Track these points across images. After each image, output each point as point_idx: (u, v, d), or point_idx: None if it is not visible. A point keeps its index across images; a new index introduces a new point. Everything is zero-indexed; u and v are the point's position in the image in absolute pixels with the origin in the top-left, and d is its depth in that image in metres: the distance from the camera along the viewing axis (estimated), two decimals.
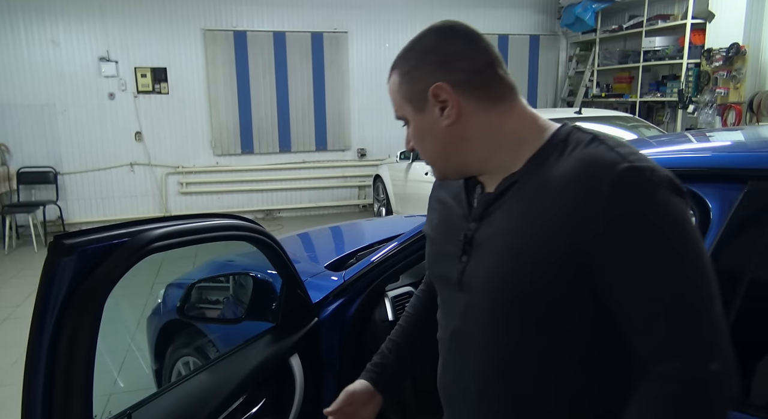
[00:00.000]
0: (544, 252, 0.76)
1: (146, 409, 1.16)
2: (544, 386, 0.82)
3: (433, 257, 0.98)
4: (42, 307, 0.83)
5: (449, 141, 0.84)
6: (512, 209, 0.81)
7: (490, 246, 0.83)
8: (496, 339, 0.84)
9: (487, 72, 0.82)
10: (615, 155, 0.73)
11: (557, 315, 0.79)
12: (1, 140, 6.04)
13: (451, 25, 0.85)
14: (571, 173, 0.75)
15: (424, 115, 0.84)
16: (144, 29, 6.31)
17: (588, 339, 0.79)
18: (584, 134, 0.80)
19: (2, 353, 3.33)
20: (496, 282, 0.81)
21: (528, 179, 0.80)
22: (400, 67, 0.87)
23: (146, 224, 0.98)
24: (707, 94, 5.41)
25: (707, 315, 0.71)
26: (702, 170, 1.13)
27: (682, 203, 0.73)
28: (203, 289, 1.85)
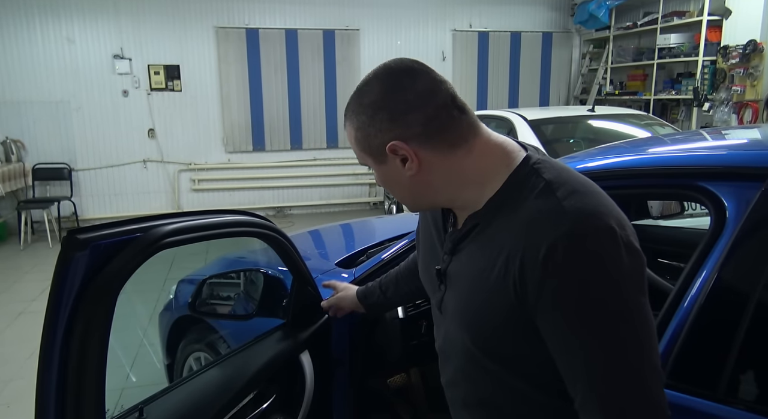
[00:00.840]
0: (497, 302, 0.78)
1: (157, 404, 1.17)
2: (517, 405, 0.86)
3: (421, 270, 1.04)
4: (56, 301, 0.84)
5: (414, 188, 0.85)
6: (473, 254, 0.84)
7: (457, 283, 0.87)
8: (467, 365, 0.90)
9: (440, 118, 0.79)
10: (560, 211, 0.72)
11: (516, 356, 0.82)
12: (17, 136, 6.12)
13: (396, 69, 0.81)
14: (517, 228, 0.75)
15: (386, 166, 0.83)
16: (157, 27, 6.36)
17: (549, 373, 0.79)
18: (539, 180, 0.77)
19: (17, 347, 3.38)
20: (459, 320, 0.87)
21: (486, 223, 0.82)
22: (352, 121, 0.84)
23: (158, 220, 0.99)
24: (723, 91, 5.34)
25: (634, 379, 0.70)
26: (718, 168, 1.11)
27: (623, 261, 0.70)
28: (214, 285, 1.86)
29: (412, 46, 7.14)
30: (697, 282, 1.00)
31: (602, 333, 0.70)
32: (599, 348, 0.71)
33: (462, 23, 7.26)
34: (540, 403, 0.84)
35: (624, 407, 0.70)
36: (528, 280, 0.73)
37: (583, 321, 0.71)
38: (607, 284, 0.70)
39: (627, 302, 0.71)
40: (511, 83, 7.57)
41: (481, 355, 0.85)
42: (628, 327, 0.70)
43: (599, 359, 0.71)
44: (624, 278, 0.71)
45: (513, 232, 0.76)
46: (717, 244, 1.01)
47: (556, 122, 4.43)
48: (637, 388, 0.70)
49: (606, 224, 0.71)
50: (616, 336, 0.70)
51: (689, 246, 1.14)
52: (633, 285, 0.71)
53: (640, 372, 0.70)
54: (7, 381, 2.97)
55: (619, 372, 0.70)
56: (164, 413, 1.15)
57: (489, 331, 0.81)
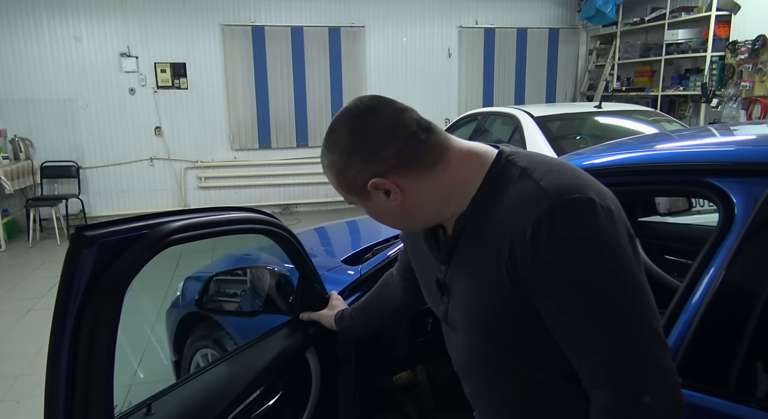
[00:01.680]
0: (495, 291, 0.80)
1: (165, 400, 1.17)
2: (541, 400, 0.87)
3: (422, 286, 1.05)
4: (64, 298, 0.84)
5: (404, 214, 0.87)
6: (467, 254, 0.86)
7: (458, 288, 0.89)
8: (486, 370, 0.91)
9: (411, 145, 0.81)
10: (538, 190, 0.74)
11: (526, 343, 0.83)
12: (25, 134, 6.16)
13: (358, 113, 0.83)
14: (501, 215, 0.78)
15: (372, 201, 0.86)
16: (163, 25, 6.38)
17: (560, 358, 0.79)
18: (515, 168, 0.80)
19: (27, 343, 3.41)
20: (468, 321, 0.88)
21: (472, 221, 0.84)
22: (330, 168, 0.87)
23: (166, 217, 0.99)
24: (732, 87, 5.30)
25: (638, 346, 0.71)
26: (726, 164, 1.10)
27: (606, 229, 0.72)
28: (221, 282, 1.86)
29: (418, 42, 7.12)
30: (705, 279, 0.99)
31: (597, 305, 0.71)
32: (597, 320, 0.71)
33: (468, 20, 7.23)
34: (562, 392, 0.84)
35: (632, 376, 0.70)
36: (519, 262, 0.74)
37: (577, 295, 0.72)
38: (594, 255, 0.71)
39: (616, 270, 0.72)
40: (518, 80, 7.54)
41: (496, 351, 0.86)
42: (622, 295, 0.71)
43: (599, 331, 0.71)
44: (609, 246, 0.72)
45: (499, 221, 0.78)
46: (725, 241, 1.00)
47: (563, 119, 4.41)
48: (641, 355, 0.71)
49: (585, 196, 0.72)
50: (611, 306, 0.71)
51: (697, 243, 1.14)
52: (620, 253, 0.72)
53: (642, 338, 0.71)
54: (16, 376, 3.00)
55: (621, 341, 0.71)
56: (172, 409, 1.15)
57: (497, 323, 0.82)
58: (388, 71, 7.07)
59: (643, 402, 0.69)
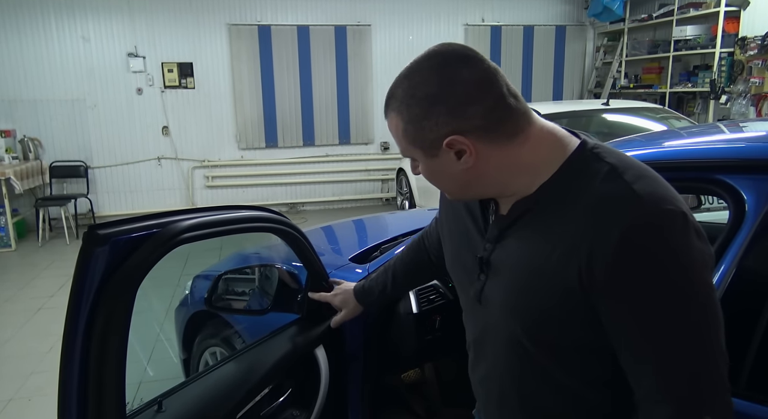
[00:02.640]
0: (554, 288, 0.76)
1: (176, 397, 1.18)
2: (557, 401, 0.84)
3: (451, 260, 1.00)
4: (77, 295, 0.85)
5: (466, 180, 0.82)
6: (525, 238, 0.81)
7: (504, 271, 0.84)
8: (512, 358, 0.86)
9: (499, 109, 0.76)
10: (632, 195, 0.71)
11: (564, 343, 0.80)
12: (34, 134, 6.21)
13: (450, 58, 0.78)
14: (583, 213, 0.73)
15: (438, 160, 0.80)
16: (170, 25, 6.40)
17: (598, 365, 0.79)
18: (602, 164, 0.76)
19: (37, 341, 3.44)
20: (510, 308, 0.83)
21: (542, 207, 0.79)
22: (402, 113, 0.80)
23: (176, 216, 1.00)
24: (741, 84, 5.26)
25: (708, 367, 0.70)
26: (737, 160, 1.10)
27: (695, 246, 0.70)
28: (230, 281, 1.87)
29: (424, 41, 7.11)
30: (715, 277, 0.99)
31: (676, 319, 0.69)
32: (669, 332, 0.70)
33: (474, 17, 7.21)
34: (583, 399, 0.82)
35: (698, 394, 0.69)
36: (597, 265, 0.71)
37: (658, 308, 0.70)
38: (681, 270, 0.69)
39: (700, 287, 0.70)
40: (524, 77, 7.51)
41: (531, 345, 0.82)
42: (700, 312, 0.70)
43: (669, 344, 0.70)
44: (696, 263, 0.70)
45: (578, 216, 0.73)
46: (736, 238, 1.00)
47: (570, 117, 4.39)
48: (709, 373, 0.70)
49: (679, 210, 0.70)
50: (688, 321, 0.69)
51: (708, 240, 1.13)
52: (704, 271, 0.71)
53: (712, 357, 0.70)
54: (27, 374, 3.03)
55: (691, 357, 0.70)
56: (182, 406, 1.16)
57: (544, 318, 0.78)
58: (394, 70, 6.86)
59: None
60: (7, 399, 2.81)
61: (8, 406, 2.75)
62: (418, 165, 0.85)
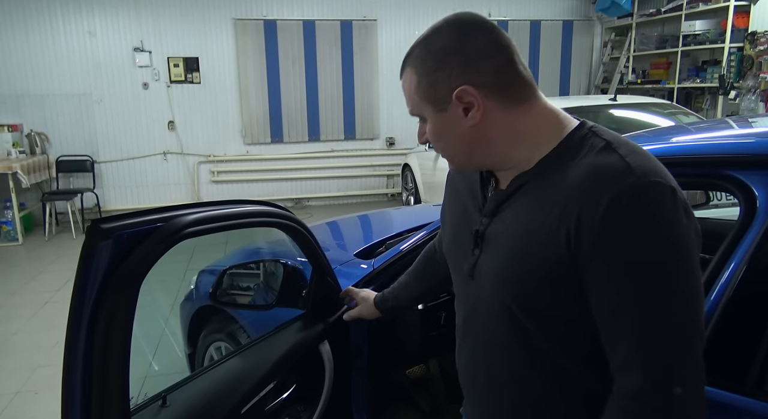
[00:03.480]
0: (545, 254, 0.77)
1: (180, 392, 1.18)
2: (544, 377, 0.84)
3: (448, 242, 1.01)
4: (80, 290, 0.85)
5: (471, 141, 0.84)
6: (520, 209, 0.83)
7: (498, 243, 0.85)
8: (500, 331, 0.87)
9: (509, 70, 0.81)
10: (624, 166, 0.72)
11: (552, 314, 0.80)
12: (41, 129, 6.23)
13: (467, 19, 0.82)
14: (577, 181, 0.75)
15: (446, 115, 0.83)
16: (176, 19, 6.40)
17: (581, 338, 0.80)
18: (598, 140, 0.78)
19: (44, 334, 3.46)
20: (501, 278, 0.84)
21: (538, 180, 0.81)
22: (417, 67, 0.84)
23: (180, 210, 1.00)
24: (750, 79, 5.21)
25: (683, 338, 0.70)
26: (747, 156, 1.08)
27: (681, 222, 0.72)
28: (235, 276, 1.87)
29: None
30: (725, 274, 0.97)
31: (655, 290, 0.71)
32: (646, 301, 0.71)
33: (481, 12, 6.92)
34: (571, 379, 0.82)
35: (669, 364, 0.70)
36: (584, 232, 0.72)
37: (638, 277, 0.71)
38: (665, 242, 0.71)
39: (682, 261, 0.71)
40: (531, 72, 7.46)
41: (520, 313, 0.82)
42: (680, 285, 0.71)
43: (645, 312, 0.71)
44: (681, 237, 0.71)
45: (570, 185, 0.75)
46: (747, 234, 0.98)
47: (577, 112, 4.27)
48: (682, 345, 0.70)
49: (668, 184, 0.72)
50: (667, 293, 0.71)
51: (715, 237, 1.11)
52: (687, 246, 0.72)
53: (687, 330, 0.71)
54: (34, 367, 3.05)
55: (665, 327, 0.70)
56: (187, 401, 1.16)
57: (533, 284, 0.79)
58: (400, 65, 7.01)
59: (674, 394, 0.69)
60: (14, 392, 2.83)
61: (15, 399, 2.77)
62: (425, 131, 0.88)
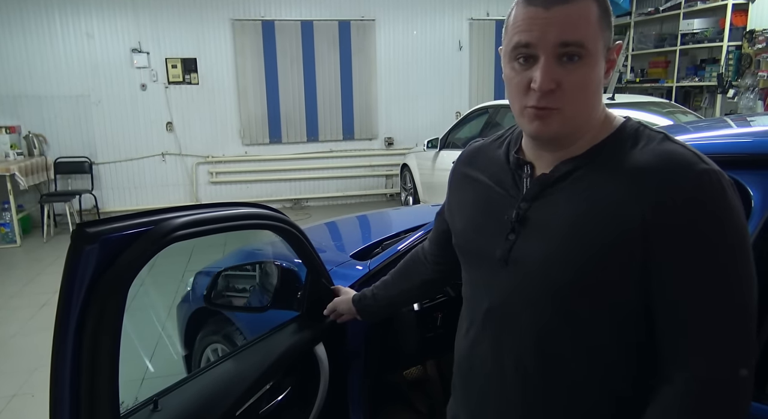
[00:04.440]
0: (610, 236, 0.76)
1: (173, 396, 1.17)
2: (583, 371, 0.82)
3: (466, 234, 0.96)
4: (67, 295, 0.84)
5: (595, 98, 0.82)
6: (576, 193, 0.81)
7: (547, 227, 0.82)
8: (541, 318, 0.83)
9: None
10: (692, 155, 0.76)
11: (607, 301, 0.79)
12: (39, 130, 6.22)
13: None
14: (648, 165, 0.76)
15: (601, 62, 0.81)
16: (174, 20, 6.40)
17: (633, 327, 0.79)
18: (654, 132, 0.81)
19: (42, 337, 3.45)
20: (553, 262, 0.81)
21: (595, 166, 0.81)
22: (600, 1, 0.79)
23: (169, 213, 0.98)
24: (749, 78, 5.19)
25: (746, 322, 0.73)
26: (743, 156, 1.07)
27: (742, 210, 0.75)
28: (230, 277, 1.86)
29: (429, 35, 7.07)
30: None
31: (727, 273, 0.73)
32: (722, 287, 0.73)
33: (479, 12, 7.16)
34: (611, 365, 0.81)
35: (737, 346, 0.72)
36: (664, 216, 0.73)
37: (711, 260, 0.73)
38: (738, 227, 0.74)
39: (747, 246, 0.75)
40: None
41: (573, 297, 0.80)
42: (747, 270, 0.74)
43: (720, 298, 0.73)
44: (742, 224, 0.75)
45: (641, 169, 0.76)
46: None
47: None
48: (747, 329, 0.73)
49: (729, 179, 0.76)
50: (737, 276, 0.73)
51: None
52: (746, 233, 0.75)
53: (750, 315, 0.73)
54: (31, 370, 3.04)
55: (735, 311, 0.73)
56: (179, 405, 1.15)
57: (598, 266, 0.77)
58: (398, 64, 7.03)
59: (740, 375, 0.71)
60: (11, 394, 2.82)
61: (12, 401, 2.76)
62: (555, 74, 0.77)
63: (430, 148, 5.64)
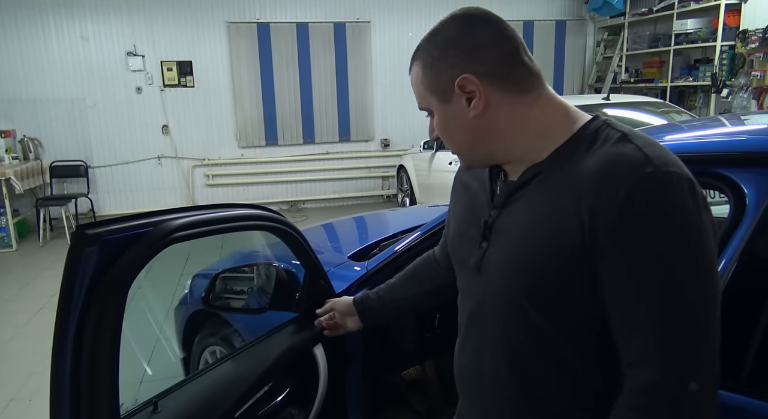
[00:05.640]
0: (558, 244, 0.76)
1: (172, 397, 1.17)
2: (551, 375, 0.83)
3: (455, 239, 1.00)
4: (67, 297, 0.84)
5: (476, 132, 0.84)
6: (533, 200, 0.82)
7: (508, 234, 0.84)
8: (508, 326, 0.85)
9: (512, 60, 0.81)
10: (641, 156, 0.72)
11: (563, 307, 0.79)
12: (34, 134, 6.20)
13: (471, 12, 0.84)
14: (593, 170, 0.74)
15: (450, 106, 0.83)
16: (169, 23, 6.39)
17: (591, 335, 0.79)
18: (614, 131, 0.78)
19: (38, 341, 3.44)
20: (510, 269, 0.83)
21: (552, 171, 0.80)
22: (422, 58, 0.85)
23: (168, 214, 0.99)
24: (742, 77, 5.23)
25: (699, 332, 0.70)
26: (737, 154, 1.08)
27: (700, 212, 0.71)
28: (228, 279, 1.86)
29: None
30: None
31: (673, 283, 0.70)
32: (668, 297, 0.70)
33: None
34: (575, 371, 0.81)
35: (687, 358, 0.69)
36: (602, 220, 0.71)
37: (657, 269, 0.70)
38: (680, 232, 0.70)
39: (696, 253, 0.70)
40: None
41: (530, 305, 0.81)
42: (699, 279, 0.70)
43: (667, 308, 0.70)
44: (699, 229, 0.70)
45: (586, 174, 0.75)
46: (736, 232, 0.98)
47: None
48: (700, 339, 0.70)
49: (686, 176, 0.71)
50: (685, 286, 0.70)
51: None
52: (704, 239, 0.71)
53: (704, 326, 0.70)
54: (28, 374, 3.03)
55: (685, 322, 0.69)
56: (178, 406, 1.15)
57: (545, 274, 0.78)
58: (394, 66, 7.04)
59: (689, 389, 0.68)
60: (8, 399, 2.81)
61: (9, 406, 2.75)
62: (433, 124, 0.88)
63: (426, 149, 5.65)
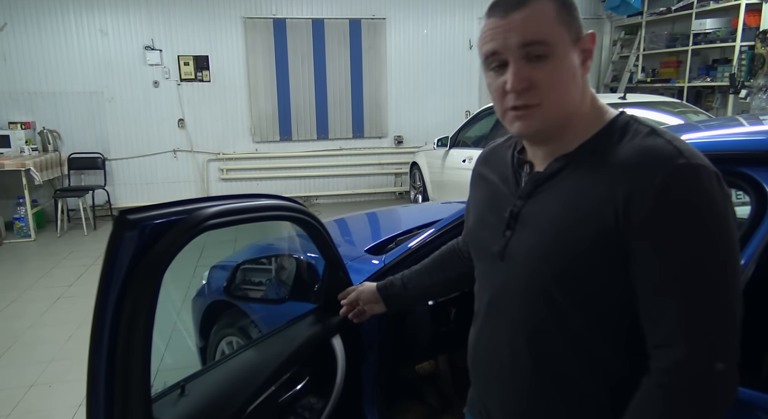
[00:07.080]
0: (591, 227, 0.79)
1: (198, 382, 1.21)
2: (573, 361, 0.85)
3: (475, 229, 1.02)
4: (107, 279, 0.87)
5: (573, 89, 0.83)
6: (561, 190, 0.84)
7: (536, 223, 0.86)
8: (531, 311, 0.87)
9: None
10: (673, 149, 0.75)
11: (593, 287, 0.81)
12: (53, 126, 6.30)
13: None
14: (626, 161, 0.77)
15: (572, 56, 0.82)
16: (187, 18, 6.45)
17: (617, 320, 0.81)
18: (642, 126, 0.82)
19: (57, 329, 3.51)
20: (537, 256, 0.85)
21: (581, 162, 0.84)
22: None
23: (202, 203, 1.02)
24: (761, 78, 5.17)
25: (725, 315, 0.73)
26: (760, 153, 1.09)
27: (727, 204, 0.75)
28: (247, 270, 1.89)
29: (439, 34, 7.09)
30: None
31: (702, 268, 0.73)
32: (697, 281, 0.73)
33: None
34: (600, 359, 0.83)
35: (712, 339, 0.72)
36: (636, 207, 0.74)
37: (687, 255, 0.73)
38: (713, 221, 0.74)
39: (726, 241, 0.74)
40: None
41: (558, 291, 0.83)
42: (725, 265, 0.74)
43: (695, 291, 0.73)
44: (726, 218, 0.74)
45: (618, 165, 0.78)
46: (757, 231, 0.99)
47: None
48: (725, 323, 0.73)
49: (713, 169, 0.75)
50: (713, 272, 0.73)
51: None
52: (731, 228, 0.75)
53: (729, 309, 0.73)
54: (48, 361, 3.09)
55: (712, 305, 0.73)
56: (204, 391, 1.19)
57: (574, 259, 0.80)
58: (408, 63, 7.05)
59: (716, 369, 0.71)
60: (28, 385, 2.88)
61: (29, 392, 2.81)
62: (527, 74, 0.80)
63: (440, 146, 5.66)
